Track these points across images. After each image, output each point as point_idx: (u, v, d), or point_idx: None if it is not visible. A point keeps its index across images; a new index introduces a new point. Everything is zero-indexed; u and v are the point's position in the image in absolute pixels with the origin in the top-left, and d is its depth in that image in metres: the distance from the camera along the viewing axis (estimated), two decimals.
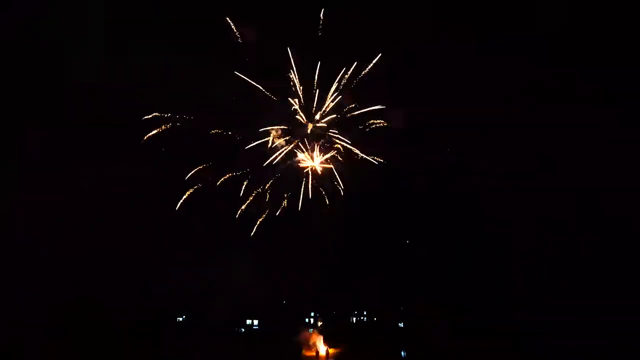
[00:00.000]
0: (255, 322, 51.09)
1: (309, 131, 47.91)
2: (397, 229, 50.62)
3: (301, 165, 48.28)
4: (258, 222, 48.44)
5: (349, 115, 47.91)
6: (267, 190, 48.63)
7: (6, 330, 41.30)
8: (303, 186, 48.34)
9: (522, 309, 45.90)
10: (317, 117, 47.69)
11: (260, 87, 45.71)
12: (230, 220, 50.12)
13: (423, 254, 49.79)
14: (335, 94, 46.98)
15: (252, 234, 48.95)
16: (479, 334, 46.08)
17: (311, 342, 49.70)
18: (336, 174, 48.56)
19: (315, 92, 46.69)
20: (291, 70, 46.02)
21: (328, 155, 48.46)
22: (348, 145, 47.99)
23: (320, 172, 48.55)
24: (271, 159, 47.31)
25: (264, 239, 49.53)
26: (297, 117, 47.61)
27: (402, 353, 46.53)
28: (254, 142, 46.84)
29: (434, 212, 49.77)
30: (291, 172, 49.14)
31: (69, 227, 46.60)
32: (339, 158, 48.74)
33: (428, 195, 49.53)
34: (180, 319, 50.81)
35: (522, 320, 45.30)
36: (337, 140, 48.11)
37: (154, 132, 45.33)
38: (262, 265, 49.13)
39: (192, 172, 46.85)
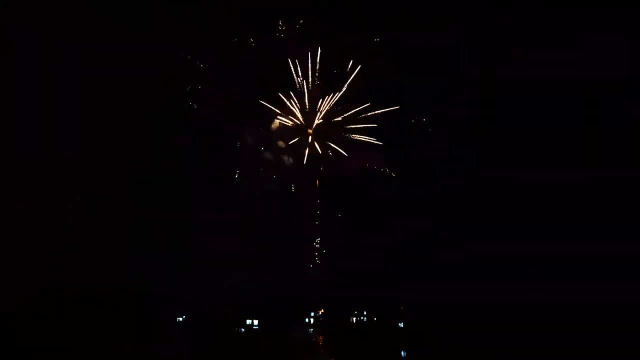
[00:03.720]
0: (255, 322, 51.01)
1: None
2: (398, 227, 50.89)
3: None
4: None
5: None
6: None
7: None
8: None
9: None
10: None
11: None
12: (229, 220, 50.64)
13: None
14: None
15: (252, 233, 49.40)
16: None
17: (311, 342, 49.94)
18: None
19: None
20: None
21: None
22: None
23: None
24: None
25: (263, 238, 49.88)
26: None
27: (402, 353, 46.69)
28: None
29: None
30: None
31: (67, 225, 46.42)
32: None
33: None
34: (180, 319, 50.60)
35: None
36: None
37: None
38: (262, 265, 49.28)
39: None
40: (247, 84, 49.70)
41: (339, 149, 51.85)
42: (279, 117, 51.26)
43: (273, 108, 51.01)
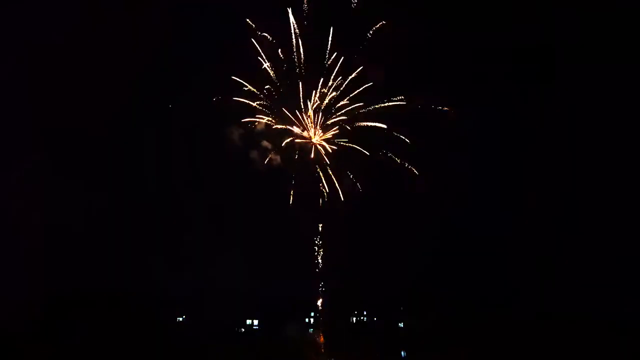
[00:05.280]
0: (255, 322, 51.01)
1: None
2: (398, 226, 50.47)
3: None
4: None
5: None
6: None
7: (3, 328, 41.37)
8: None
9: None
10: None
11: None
12: (230, 220, 50.62)
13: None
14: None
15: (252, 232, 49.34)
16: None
17: (311, 342, 49.91)
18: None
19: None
20: None
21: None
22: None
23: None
24: None
25: (263, 238, 49.75)
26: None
27: (402, 353, 46.49)
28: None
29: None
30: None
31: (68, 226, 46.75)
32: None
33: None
34: (180, 319, 50.78)
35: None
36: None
37: None
38: (262, 265, 49.18)
39: None
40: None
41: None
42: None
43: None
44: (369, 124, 48.86)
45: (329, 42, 47.68)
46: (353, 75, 48.01)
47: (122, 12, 45.14)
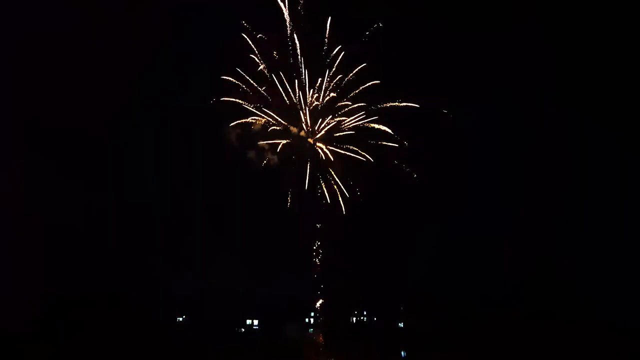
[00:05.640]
0: (255, 322, 50.99)
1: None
2: (398, 227, 50.46)
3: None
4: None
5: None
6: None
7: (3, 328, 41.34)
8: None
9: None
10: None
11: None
12: (229, 220, 50.60)
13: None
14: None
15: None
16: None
17: (311, 342, 49.89)
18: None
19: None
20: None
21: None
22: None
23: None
24: None
25: (263, 238, 49.73)
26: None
27: (402, 353, 46.49)
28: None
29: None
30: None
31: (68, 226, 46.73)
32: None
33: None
34: (180, 319, 50.77)
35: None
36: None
37: None
38: (262, 265, 49.19)
39: None
40: None
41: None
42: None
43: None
44: (368, 124, 48.89)
45: (326, 42, 47.74)
46: (350, 76, 48.13)
47: (122, 12, 45.18)
